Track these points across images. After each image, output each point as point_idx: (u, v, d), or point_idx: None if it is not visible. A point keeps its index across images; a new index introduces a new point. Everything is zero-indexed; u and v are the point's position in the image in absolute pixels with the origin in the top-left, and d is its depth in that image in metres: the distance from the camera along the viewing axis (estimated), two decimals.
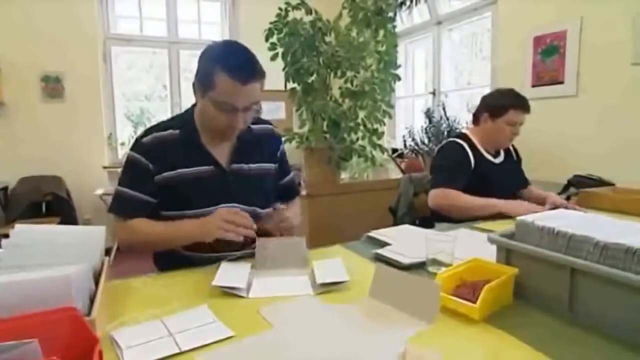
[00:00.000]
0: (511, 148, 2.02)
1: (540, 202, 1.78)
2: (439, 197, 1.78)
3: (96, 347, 0.55)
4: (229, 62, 1.13)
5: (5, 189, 3.79)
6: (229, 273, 1.03)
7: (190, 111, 1.31)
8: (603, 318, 0.75)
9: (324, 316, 0.85)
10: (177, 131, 1.27)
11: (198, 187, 1.24)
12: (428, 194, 1.84)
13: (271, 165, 1.39)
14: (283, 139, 1.51)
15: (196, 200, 1.24)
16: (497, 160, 1.93)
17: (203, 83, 1.17)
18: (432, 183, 1.84)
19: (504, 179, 1.88)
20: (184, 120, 1.30)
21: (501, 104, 1.84)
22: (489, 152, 1.91)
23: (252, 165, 1.33)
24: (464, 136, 1.95)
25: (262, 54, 2.26)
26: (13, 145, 3.86)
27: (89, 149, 4.15)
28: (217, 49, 1.19)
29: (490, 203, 1.70)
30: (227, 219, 1.12)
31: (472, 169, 1.84)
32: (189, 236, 1.18)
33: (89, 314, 0.71)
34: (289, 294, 0.96)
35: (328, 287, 0.97)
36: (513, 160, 2.02)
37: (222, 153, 1.29)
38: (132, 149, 1.27)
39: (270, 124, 1.47)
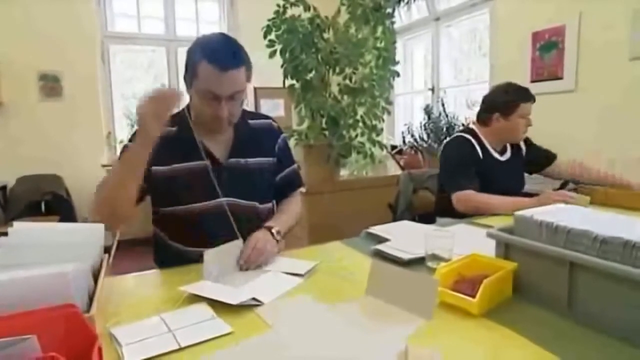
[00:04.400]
0: (521, 143, 2.01)
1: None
2: (465, 200, 1.75)
3: (95, 344, 0.55)
4: (209, 50, 1.14)
5: (4, 188, 3.78)
6: (219, 291, 0.94)
7: (186, 109, 1.32)
8: (602, 312, 0.75)
9: (323, 315, 0.85)
10: (174, 128, 1.27)
11: (194, 181, 1.25)
12: (451, 197, 1.80)
13: (269, 160, 1.39)
14: (283, 135, 1.50)
15: (192, 195, 1.24)
16: (503, 158, 1.93)
17: (189, 73, 1.19)
18: (450, 185, 1.81)
19: (506, 177, 1.87)
20: (180, 118, 1.30)
21: (511, 101, 1.84)
22: (495, 150, 1.91)
23: (249, 160, 1.33)
24: (471, 131, 1.94)
25: (260, 51, 2.27)
26: (12, 144, 3.85)
27: (87, 147, 4.14)
28: (201, 40, 1.20)
29: (518, 201, 1.67)
30: (151, 102, 1.03)
31: (479, 162, 1.84)
32: (137, 149, 1.09)
33: (88, 311, 0.71)
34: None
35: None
36: (521, 156, 2.00)
37: (219, 148, 1.30)
38: (130, 140, 1.26)
39: (270, 118, 1.47)
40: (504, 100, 1.86)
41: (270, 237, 1.20)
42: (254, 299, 0.89)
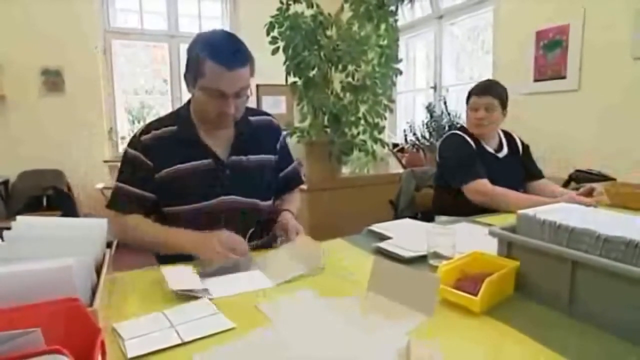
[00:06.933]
0: (518, 142, 2.00)
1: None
2: (480, 191, 1.73)
3: (98, 338, 0.55)
4: (215, 49, 1.14)
5: (6, 183, 3.79)
6: (179, 277, 0.97)
7: (186, 106, 1.32)
8: (603, 311, 0.75)
9: (324, 311, 0.85)
10: (174, 127, 1.27)
11: (196, 181, 1.24)
12: (463, 189, 1.78)
13: (270, 157, 1.39)
14: (284, 133, 1.51)
15: (195, 195, 1.24)
16: (500, 155, 1.92)
17: (192, 72, 1.18)
18: (460, 178, 1.80)
19: (504, 174, 1.84)
20: (180, 116, 1.30)
21: (468, 94, 1.94)
22: (488, 145, 1.91)
23: (250, 157, 1.32)
24: (462, 128, 1.96)
25: (263, 48, 2.27)
26: (14, 139, 3.85)
27: (89, 142, 4.14)
28: (203, 38, 1.20)
29: (538, 199, 1.64)
30: (226, 244, 1.09)
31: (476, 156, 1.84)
32: (181, 249, 1.16)
33: (91, 305, 0.71)
34: (250, 289, 0.96)
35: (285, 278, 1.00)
36: (519, 156, 1.98)
37: (220, 146, 1.29)
38: (130, 146, 1.27)
39: (269, 115, 1.47)
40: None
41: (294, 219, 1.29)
42: (205, 290, 0.92)
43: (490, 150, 1.90)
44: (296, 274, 1.02)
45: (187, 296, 0.90)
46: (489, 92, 1.86)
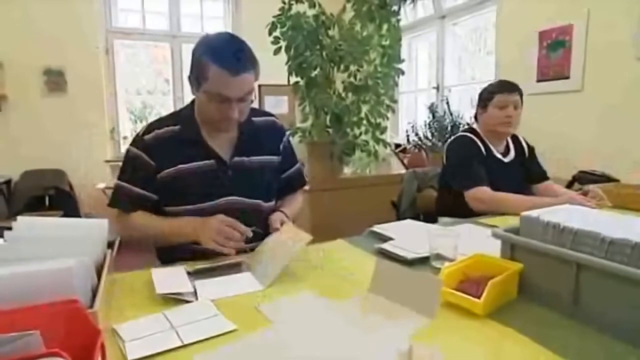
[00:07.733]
0: (524, 144, 1.99)
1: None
2: (481, 198, 1.72)
3: (98, 340, 0.55)
4: (219, 53, 1.12)
5: (8, 182, 3.80)
6: (168, 279, 0.97)
7: (189, 106, 1.31)
8: (608, 314, 0.75)
9: (325, 313, 0.84)
10: (176, 127, 1.27)
11: (198, 181, 1.24)
12: (465, 195, 1.77)
13: (273, 158, 1.38)
14: (287, 133, 1.50)
15: (197, 195, 1.24)
16: (506, 160, 1.91)
17: (196, 76, 1.17)
18: (462, 184, 1.78)
19: (510, 179, 1.83)
20: (183, 116, 1.30)
21: (488, 92, 1.90)
22: (497, 150, 1.90)
23: (253, 158, 1.32)
24: (472, 130, 1.94)
25: (265, 48, 2.27)
26: (16, 139, 3.86)
27: (91, 142, 4.15)
28: (208, 41, 1.18)
29: (539, 200, 1.64)
30: (219, 231, 1.11)
31: (483, 162, 1.83)
32: (185, 237, 1.17)
33: (91, 306, 0.70)
34: (239, 292, 0.95)
35: (276, 278, 0.99)
36: (524, 159, 1.96)
37: (223, 147, 1.29)
38: (133, 145, 1.27)
39: (273, 115, 1.46)
40: (483, 93, 1.92)
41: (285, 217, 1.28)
42: (193, 293, 0.92)
43: (498, 155, 1.89)
44: (281, 267, 1.01)
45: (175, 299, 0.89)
46: (517, 89, 1.85)
